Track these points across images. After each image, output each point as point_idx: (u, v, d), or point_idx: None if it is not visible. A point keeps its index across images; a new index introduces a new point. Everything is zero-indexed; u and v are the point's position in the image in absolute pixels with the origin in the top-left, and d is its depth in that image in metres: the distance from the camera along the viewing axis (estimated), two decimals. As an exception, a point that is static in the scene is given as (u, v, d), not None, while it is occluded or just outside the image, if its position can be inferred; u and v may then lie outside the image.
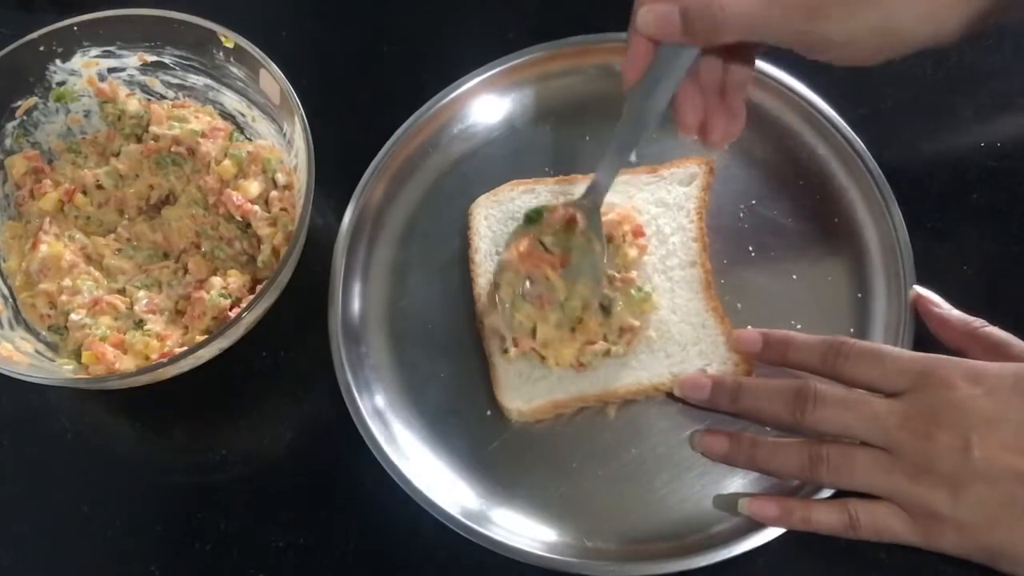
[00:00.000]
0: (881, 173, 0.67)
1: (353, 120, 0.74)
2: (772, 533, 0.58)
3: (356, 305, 0.68)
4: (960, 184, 0.69)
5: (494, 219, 0.69)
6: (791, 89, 0.70)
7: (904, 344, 0.62)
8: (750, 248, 0.68)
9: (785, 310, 0.65)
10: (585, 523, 0.60)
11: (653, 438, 0.63)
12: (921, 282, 0.63)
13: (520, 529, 0.60)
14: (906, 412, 0.53)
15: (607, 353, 0.63)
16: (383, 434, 0.62)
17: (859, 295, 0.65)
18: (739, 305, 0.66)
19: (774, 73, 0.70)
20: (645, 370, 0.63)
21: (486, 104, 0.74)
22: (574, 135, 0.72)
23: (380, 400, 0.65)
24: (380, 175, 0.71)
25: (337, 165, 0.70)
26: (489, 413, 0.64)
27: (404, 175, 0.72)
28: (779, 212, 0.69)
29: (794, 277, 0.67)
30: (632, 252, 0.65)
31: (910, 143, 0.71)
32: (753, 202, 0.69)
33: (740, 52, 0.58)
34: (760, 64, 0.68)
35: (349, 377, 0.64)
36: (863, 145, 0.68)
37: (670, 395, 0.63)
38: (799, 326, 0.64)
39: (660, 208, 0.68)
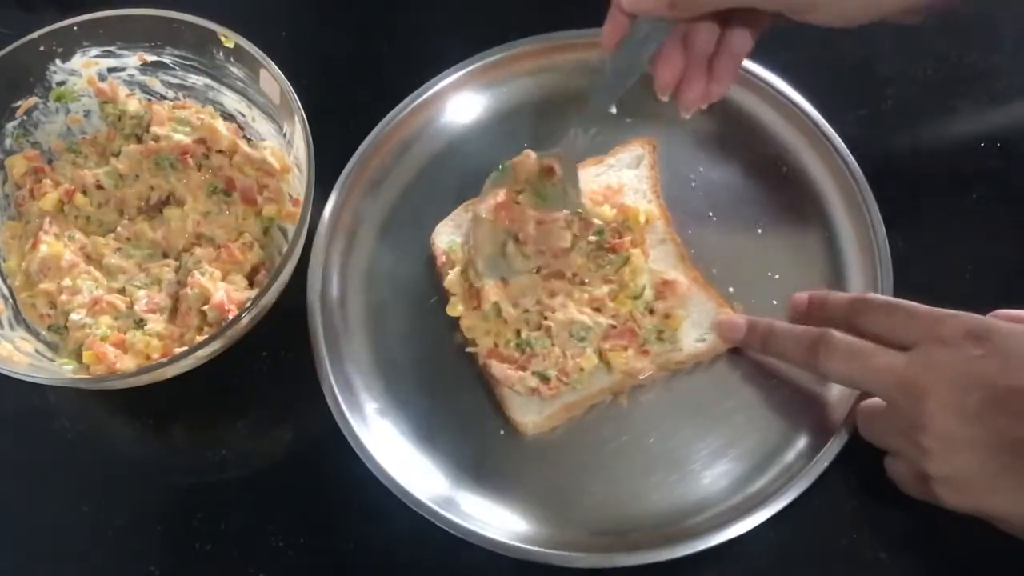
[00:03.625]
0: (813, 110, 0.69)
1: (353, 120, 0.73)
2: (765, 515, 0.58)
3: (339, 313, 0.67)
4: (960, 184, 0.69)
5: (458, 245, 0.68)
6: None
7: (882, 270, 0.63)
8: (710, 213, 0.69)
9: (760, 264, 0.66)
10: (623, 517, 0.60)
11: (671, 421, 0.63)
12: (920, 283, 0.63)
13: (524, 528, 0.60)
14: (904, 370, 0.53)
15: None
16: (378, 445, 0.62)
17: (826, 234, 0.67)
18: (714, 270, 0.67)
19: None
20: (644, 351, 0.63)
21: (454, 106, 0.74)
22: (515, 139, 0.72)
23: (378, 427, 0.64)
24: (355, 180, 0.71)
25: (337, 165, 0.70)
26: (502, 433, 0.64)
27: (375, 183, 0.72)
28: (728, 173, 0.70)
29: (759, 231, 0.68)
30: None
31: (910, 143, 0.71)
32: (701, 169, 0.70)
33: (743, 23, 0.58)
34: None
35: (334, 384, 0.64)
36: (790, 87, 0.70)
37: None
38: (776, 276, 0.66)
39: None
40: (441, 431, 0.64)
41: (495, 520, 0.61)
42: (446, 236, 0.68)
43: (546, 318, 0.63)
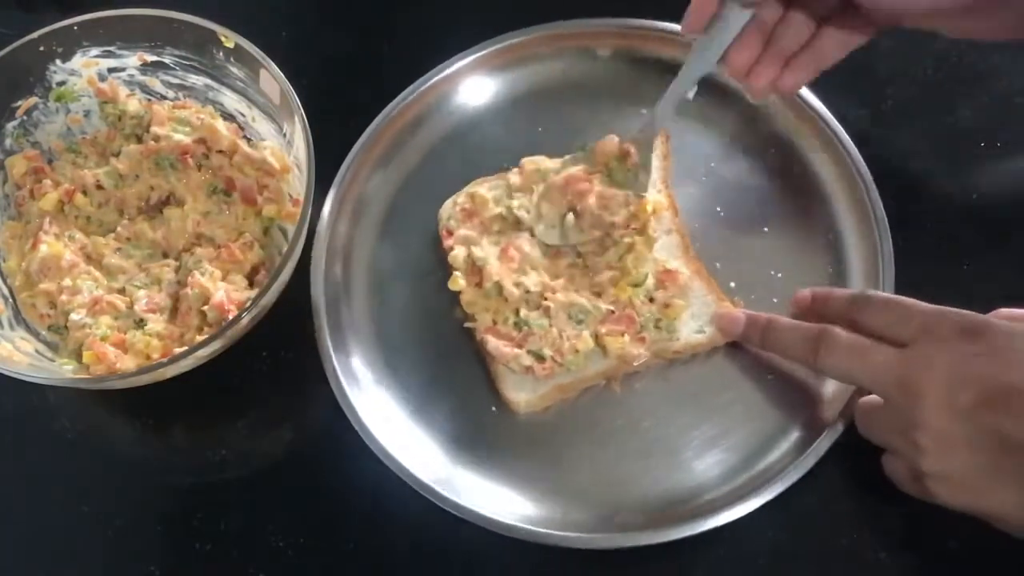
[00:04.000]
0: (830, 115, 0.69)
1: (353, 120, 0.74)
2: (762, 499, 0.58)
3: (342, 310, 0.68)
4: (960, 184, 0.69)
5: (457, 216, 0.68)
6: None
7: (885, 277, 0.64)
8: (718, 208, 0.69)
9: (763, 262, 0.67)
10: (613, 499, 0.61)
11: (664, 408, 0.63)
12: (921, 283, 0.63)
13: (516, 507, 0.61)
14: (901, 367, 0.53)
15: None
16: (381, 432, 0.62)
17: (829, 236, 0.67)
18: (718, 264, 0.67)
19: None
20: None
21: (463, 91, 0.75)
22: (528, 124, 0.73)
23: (377, 400, 0.65)
24: (354, 177, 0.71)
25: (337, 165, 0.70)
26: (494, 409, 0.64)
27: (374, 180, 0.72)
28: (739, 171, 0.71)
29: (765, 229, 0.68)
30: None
31: (910, 143, 0.71)
32: (712, 164, 0.71)
33: (843, 25, 0.59)
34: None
35: (340, 375, 0.64)
36: (809, 91, 0.70)
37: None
38: (779, 275, 0.66)
39: None
40: (437, 405, 0.65)
41: (489, 499, 0.61)
42: (451, 211, 0.69)
43: (546, 298, 0.64)
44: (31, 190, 0.69)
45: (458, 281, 0.65)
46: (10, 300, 0.66)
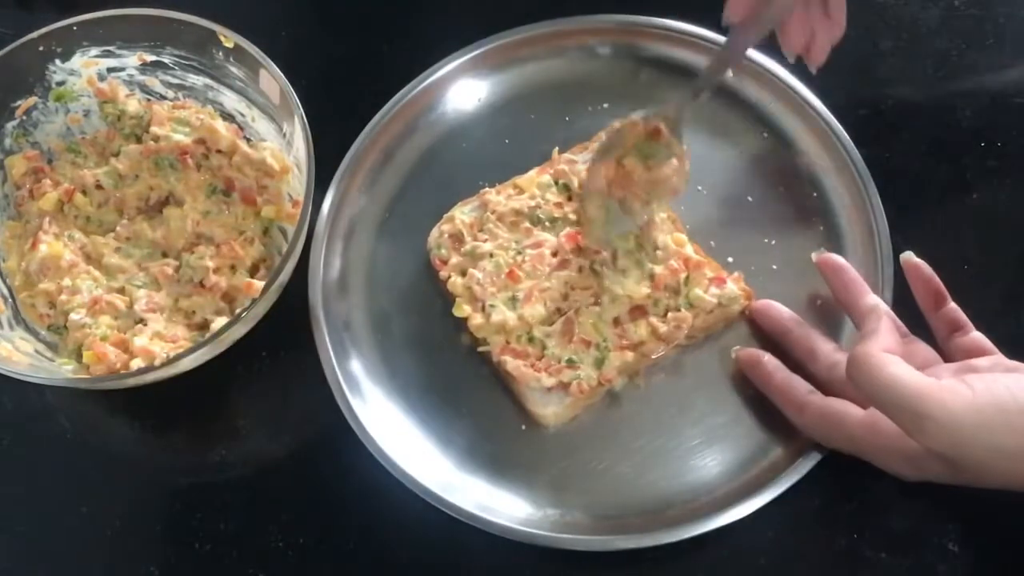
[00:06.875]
0: (787, 73, 0.70)
1: (353, 120, 0.74)
2: (763, 499, 0.58)
3: (343, 307, 0.68)
4: (960, 184, 0.69)
5: (449, 246, 0.68)
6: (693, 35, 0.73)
7: (884, 278, 0.64)
8: (699, 188, 0.70)
9: (755, 232, 0.68)
10: (622, 502, 0.61)
11: (686, 396, 0.64)
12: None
13: (533, 518, 0.60)
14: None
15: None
16: (380, 434, 0.62)
17: (815, 194, 0.68)
18: (712, 243, 0.67)
19: (679, 26, 0.73)
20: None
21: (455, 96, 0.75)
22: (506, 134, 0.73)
23: (376, 402, 0.65)
24: (352, 175, 0.71)
25: (337, 165, 0.70)
26: (523, 427, 0.64)
27: (373, 178, 0.72)
28: (712, 146, 0.71)
29: (750, 199, 0.69)
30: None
31: (910, 143, 0.71)
32: (684, 145, 0.70)
33: None
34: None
35: (339, 377, 0.64)
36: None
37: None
38: (773, 242, 0.67)
39: None
40: (441, 409, 0.64)
41: (489, 502, 0.61)
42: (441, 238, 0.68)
43: (559, 311, 0.64)
44: (31, 190, 0.69)
45: (463, 307, 0.65)
46: (10, 300, 0.66)
